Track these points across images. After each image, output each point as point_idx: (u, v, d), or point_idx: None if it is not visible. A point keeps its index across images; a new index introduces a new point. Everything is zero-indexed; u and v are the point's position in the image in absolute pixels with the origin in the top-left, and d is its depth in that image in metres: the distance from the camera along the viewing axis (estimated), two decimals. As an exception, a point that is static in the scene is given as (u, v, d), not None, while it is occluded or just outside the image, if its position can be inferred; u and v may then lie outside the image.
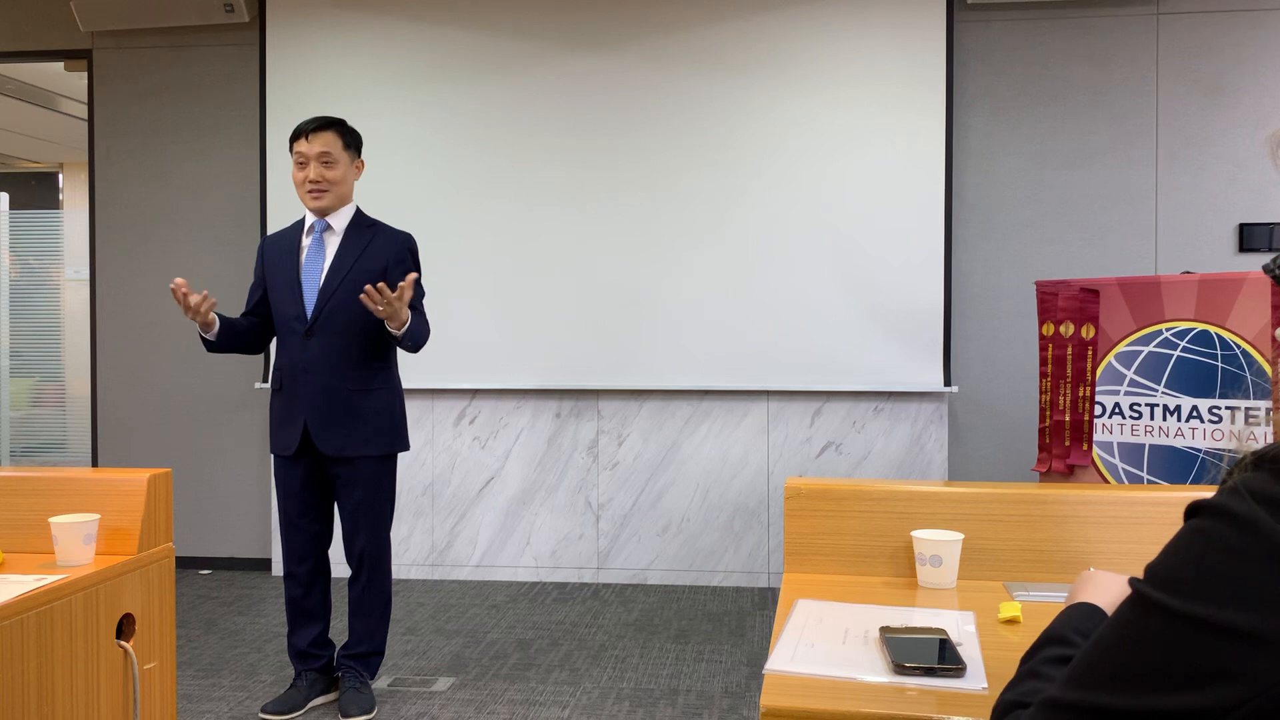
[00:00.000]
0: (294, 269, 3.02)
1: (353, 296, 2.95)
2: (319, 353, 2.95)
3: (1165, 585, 0.63)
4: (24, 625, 1.74)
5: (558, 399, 4.61)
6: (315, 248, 3.03)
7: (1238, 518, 0.61)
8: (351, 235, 3.03)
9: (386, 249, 3.03)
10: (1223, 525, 0.62)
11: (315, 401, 2.95)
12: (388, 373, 3.05)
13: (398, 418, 3.07)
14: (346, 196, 3.06)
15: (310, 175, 2.97)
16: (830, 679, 1.22)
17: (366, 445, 2.98)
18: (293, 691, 3.05)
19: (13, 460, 5.69)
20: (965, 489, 1.77)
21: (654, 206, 4.51)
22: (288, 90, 4.68)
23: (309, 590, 3.07)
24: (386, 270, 3.00)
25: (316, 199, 2.99)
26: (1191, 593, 0.61)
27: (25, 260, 5.60)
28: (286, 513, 3.05)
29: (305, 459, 3.00)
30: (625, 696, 3.19)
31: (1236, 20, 4.32)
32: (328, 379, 2.95)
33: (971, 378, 4.48)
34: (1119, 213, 4.40)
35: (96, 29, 4.78)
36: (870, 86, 4.40)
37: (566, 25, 4.54)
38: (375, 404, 3.00)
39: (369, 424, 2.98)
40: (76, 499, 2.13)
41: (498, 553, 4.64)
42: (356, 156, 3.09)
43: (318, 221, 3.04)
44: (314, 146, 2.97)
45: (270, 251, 3.10)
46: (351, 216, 3.07)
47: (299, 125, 3.01)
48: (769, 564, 4.52)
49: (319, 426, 2.95)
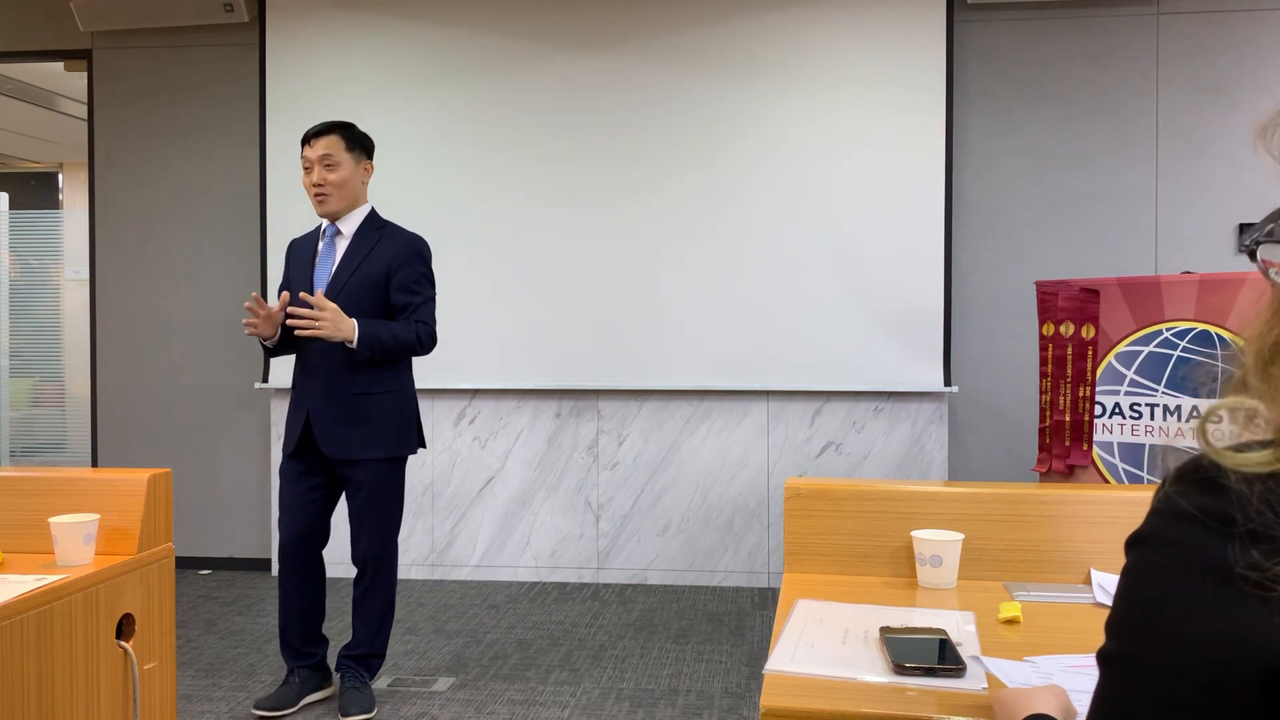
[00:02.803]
0: (307, 271, 3.05)
1: (355, 300, 2.95)
2: (325, 355, 2.95)
3: (1111, 633, 0.64)
4: (24, 625, 1.74)
5: (558, 399, 4.61)
6: (326, 251, 3.06)
7: (1158, 541, 0.63)
8: (359, 238, 3.04)
9: (391, 251, 3.02)
10: (1147, 555, 0.63)
11: (320, 403, 2.96)
12: (396, 375, 3.03)
13: (406, 420, 3.05)
14: (356, 199, 3.06)
15: (314, 179, 2.98)
16: (830, 679, 1.22)
17: (371, 448, 2.97)
18: (285, 688, 3.05)
19: (13, 460, 5.69)
20: (965, 489, 1.76)
21: (654, 206, 4.51)
22: (287, 90, 4.68)
23: (302, 587, 3.07)
24: (391, 272, 3.00)
25: (322, 203, 3.00)
26: (1129, 635, 0.63)
27: (25, 260, 5.61)
28: (284, 506, 3.06)
29: (310, 457, 3.00)
30: (625, 696, 3.19)
31: (1236, 20, 4.32)
32: (333, 381, 2.95)
33: (971, 378, 4.48)
34: (1119, 213, 4.40)
35: (96, 29, 4.78)
36: (870, 86, 4.40)
37: (567, 25, 4.54)
38: (382, 406, 2.99)
39: (374, 426, 2.97)
40: (76, 499, 2.13)
41: (498, 553, 4.64)
42: (365, 158, 3.08)
43: (329, 226, 3.06)
44: (317, 150, 2.99)
45: (292, 254, 3.15)
46: (363, 219, 3.07)
47: (306, 131, 3.03)
48: (769, 564, 4.52)
49: (322, 428, 2.95)
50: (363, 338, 2.88)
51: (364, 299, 2.97)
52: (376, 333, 2.90)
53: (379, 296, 2.99)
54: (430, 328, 3.03)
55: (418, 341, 2.99)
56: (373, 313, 2.98)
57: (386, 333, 2.92)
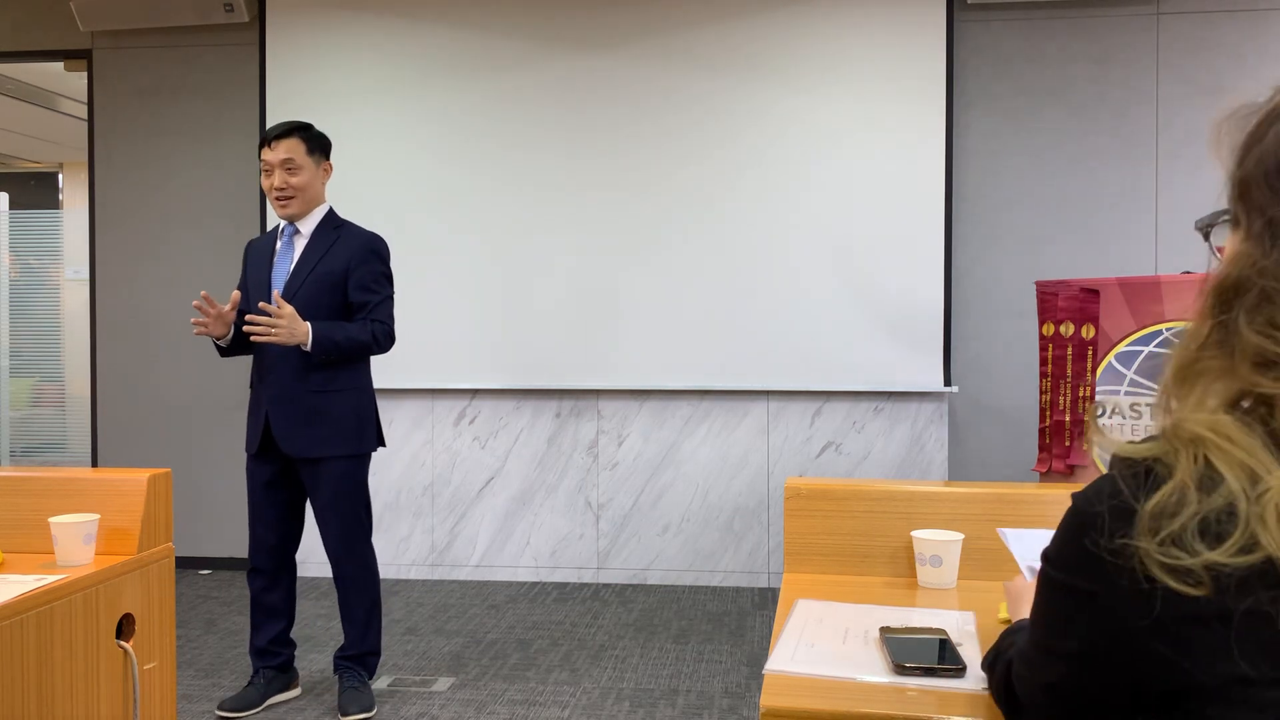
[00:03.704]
0: (265, 271, 3.06)
1: (313, 299, 2.97)
2: (282, 354, 2.95)
3: (1047, 559, 0.83)
4: (24, 625, 1.74)
5: (558, 399, 4.61)
6: (284, 251, 3.07)
7: (1087, 510, 0.77)
8: (317, 237, 3.06)
9: (348, 250, 3.04)
10: (1078, 515, 0.79)
11: (279, 403, 2.96)
12: (354, 374, 3.04)
13: (364, 418, 3.06)
14: (315, 200, 3.08)
15: (275, 183, 3.00)
16: (830, 679, 1.22)
17: (331, 446, 2.98)
18: (250, 689, 3.07)
19: (13, 460, 5.69)
20: (965, 489, 1.77)
21: (655, 206, 4.51)
22: (287, 90, 4.68)
23: (272, 587, 3.08)
24: (349, 271, 3.01)
25: (284, 206, 3.02)
26: (1060, 565, 0.80)
27: (25, 260, 5.61)
28: (253, 509, 3.06)
29: (273, 457, 3.01)
30: (625, 696, 3.19)
31: (1236, 20, 4.32)
32: (291, 380, 2.96)
33: (971, 378, 4.48)
34: (1119, 213, 4.40)
35: (96, 29, 4.78)
36: (870, 86, 4.40)
37: (568, 25, 4.54)
38: (340, 405, 3.00)
39: (334, 425, 2.98)
40: (76, 499, 2.13)
41: (498, 553, 4.64)
42: (324, 159, 3.11)
43: (287, 226, 3.08)
44: (278, 154, 3.00)
45: (250, 255, 3.17)
46: (321, 218, 3.09)
47: (263, 133, 3.04)
48: (769, 564, 4.52)
49: (282, 428, 2.96)
50: (317, 341, 2.89)
51: (322, 297, 2.98)
52: (331, 335, 2.91)
53: (337, 295, 3.00)
54: (388, 326, 3.04)
55: (374, 341, 3.00)
56: (331, 311, 2.99)
57: (341, 335, 2.94)
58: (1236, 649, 0.68)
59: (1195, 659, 0.69)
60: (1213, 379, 0.74)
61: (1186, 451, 0.72)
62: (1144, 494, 0.72)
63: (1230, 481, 0.70)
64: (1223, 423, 0.72)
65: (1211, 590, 0.68)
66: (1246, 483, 0.69)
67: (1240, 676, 0.68)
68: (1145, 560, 0.70)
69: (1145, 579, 0.70)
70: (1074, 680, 0.80)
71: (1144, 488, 0.73)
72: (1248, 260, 0.75)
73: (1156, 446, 0.75)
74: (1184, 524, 0.70)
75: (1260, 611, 0.68)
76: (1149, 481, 0.73)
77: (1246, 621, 0.68)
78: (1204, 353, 0.76)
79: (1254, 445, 0.71)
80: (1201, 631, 0.69)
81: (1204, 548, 0.69)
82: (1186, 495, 0.70)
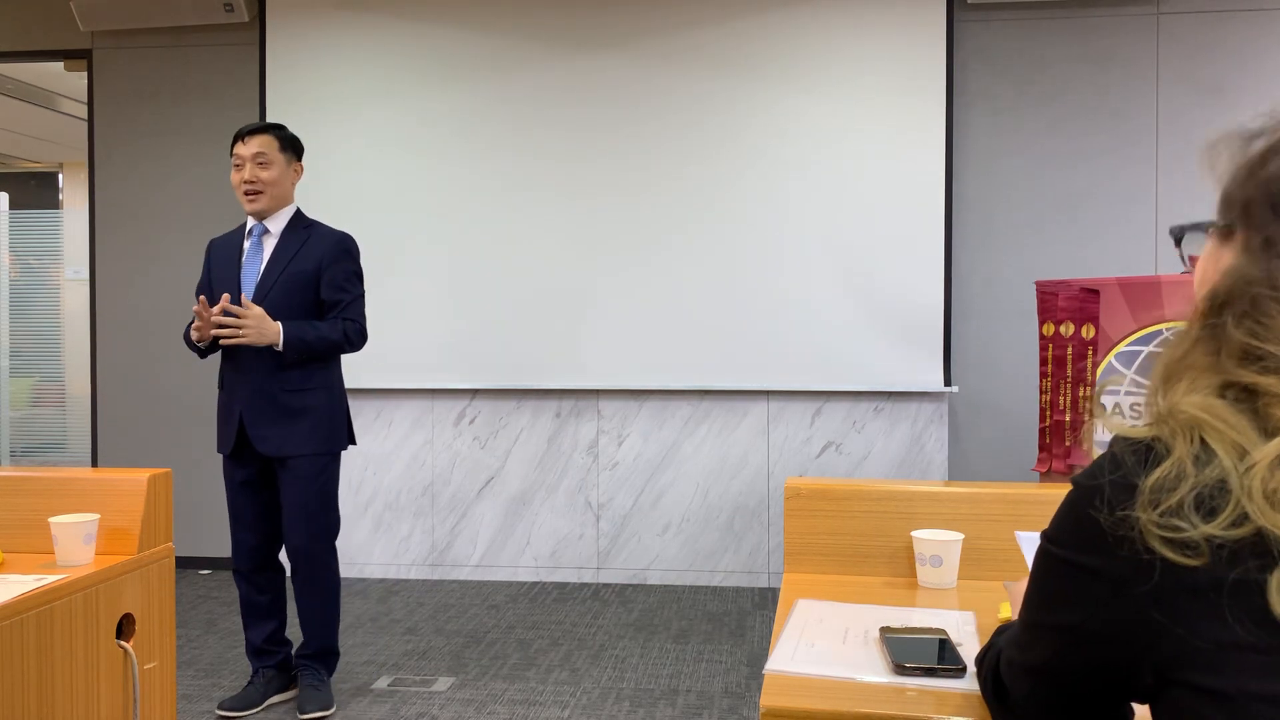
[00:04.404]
0: (234, 271, 3.05)
1: (286, 298, 2.96)
2: (254, 354, 2.95)
3: (1047, 538, 0.85)
4: (24, 625, 1.74)
5: (558, 399, 4.61)
6: (253, 250, 3.06)
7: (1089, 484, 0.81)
8: (287, 237, 3.05)
9: (320, 250, 3.03)
10: (1080, 490, 0.82)
11: (251, 402, 2.96)
12: (326, 372, 3.05)
13: (337, 416, 3.07)
14: (284, 199, 3.07)
15: (245, 176, 2.99)
16: (830, 679, 1.22)
17: (303, 444, 2.98)
18: (250, 689, 3.07)
19: (13, 460, 5.69)
20: (965, 489, 1.77)
21: (655, 206, 4.51)
22: (288, 90, 4.68)
23: (260, 588, 3.08)
24: (321, 270, 3.01)
25: (253, 201, 3.01)
26: (1061, 542, 0.83)
27: (25, 260, 5.61)
28: (232, 511, 3.06)
29: (248, 458, 3.01)
30: (625, 696, 3.19)
31: (1236, 20, 4.32)
32: (263, 380, 2.96)
33: (971, 378, 4.48)
34: (1119, 213, 4.40)
35: (96, 29, 4.78)
36: (870, 86, 4.40)
37: (568, 25, 4.54)
38: (312, 404, 3.00)
39: (306, 423, 2.98)
40: (76, 499, 2.13)
41: (498, 553, 4.64)
42: (295, 160, 3.11)
43: (256, 225, 3.07)
44: (250, 148, 3.00)
45: (215, 254, 3.14)
46: (290, 218, 3.08)
47: (236, 131, 3.04)
48: (769, 564, 4.52)
49: (255, 427, 2.96)
50: (289, 341, 2.89)
51: (294, 296, 2.98)
52: (302, 335, 2.92)
53: (309, 294, 3.00)
54: (360, 325, 3.04)
55: (345, 340, 3.00)
56: (304, 310, 2.98)
57: (313, 334, 2.94)
58: (1229, 614, 0.72)
59: (1190, 624, 0.73)
60: (1199, 373, 0.79)
61: (1184, 432, 0.77)
62: (1144, 470, 0.77)
63: (1223, 458, 0.74)
64: (1216, 405, 0.76)
65: (1208, 560, 0.72)
66: (1237, 459, 0.74)
67: (1232, 641, 0.72)
68: (1145, 532, 0.74)
69: (1145, 549, 0.74)
70: (1065, 659, 0.83)
71: (1144, 464, 0.77)
72: (1242, 272, 0.81)
73: (1155, 428, 0.79)
74: (1181, 498, 0.74)
75: (1249, 580, 0.72)
76: (1149, 458, 0.77)
77: (1236, 589, 0.72)
78: (1193, 351, 0.81)
79: (1243, 424, 0.75)
80: (1196, 600, 0.73)
81: (1200, 520, 0.73)
82: (1184, 470, 0.75)
